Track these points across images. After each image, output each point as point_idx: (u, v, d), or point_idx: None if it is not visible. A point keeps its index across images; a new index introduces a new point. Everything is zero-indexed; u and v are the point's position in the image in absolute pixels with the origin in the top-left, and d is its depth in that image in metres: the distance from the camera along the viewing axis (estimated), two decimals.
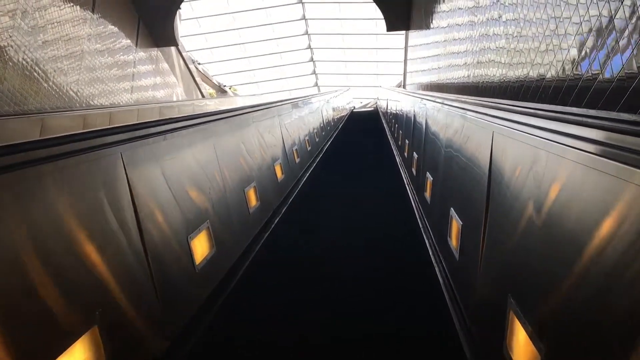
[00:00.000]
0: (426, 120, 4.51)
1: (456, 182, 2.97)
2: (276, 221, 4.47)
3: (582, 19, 2.17)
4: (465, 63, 5.21)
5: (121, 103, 13.06)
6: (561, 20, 2.43)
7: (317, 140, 9.11)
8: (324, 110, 11.27)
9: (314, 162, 8.05)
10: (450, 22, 6.45)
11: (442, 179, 3.39)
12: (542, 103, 2.31)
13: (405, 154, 6.65)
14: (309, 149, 7.79)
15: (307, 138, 7.78)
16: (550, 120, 1.52)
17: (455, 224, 2.75)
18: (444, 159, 3.36)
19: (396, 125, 9.58)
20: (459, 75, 5.74)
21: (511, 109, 1.96)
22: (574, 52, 2.30)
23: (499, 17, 3.60)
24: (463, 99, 3.14)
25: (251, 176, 3.98)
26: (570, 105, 2.27)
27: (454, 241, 2.80)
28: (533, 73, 2.91)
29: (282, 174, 5.28)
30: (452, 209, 2.91)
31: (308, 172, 7.03)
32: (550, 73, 2.63)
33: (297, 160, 6.48)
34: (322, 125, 10.47)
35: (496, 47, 3.71)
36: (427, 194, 3.97)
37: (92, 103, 11.37)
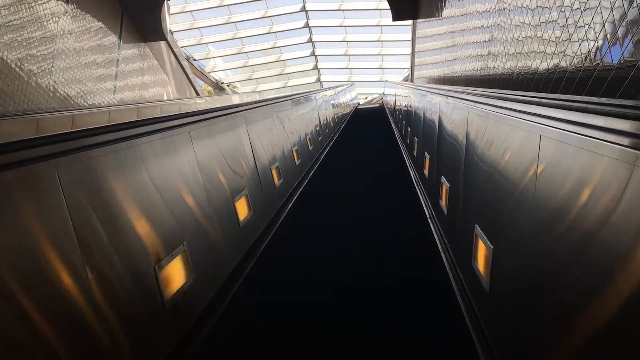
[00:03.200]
0: (467, 137, 2.85)
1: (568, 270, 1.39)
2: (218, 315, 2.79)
3: None
4: (490, 53, 4.53)
5: (102, 104, 11.99)
6: None
7: (310, 148, 7.44)
8: (321, 110, 9.64)
9: (306, 177, 6.39)
10: (469, 9, 5.78)
11: (519, 249, 1.80)
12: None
13: (425, 171, 4.99)
14: (297, 162, 6.13)
15: (295, 148, 6.11)
16: None
17: None
18: (515, 206, 1.79)
19: (408, 128, 7.98)
20: (481, 66, 5.01)
21: None
22: None
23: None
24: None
25: (175, 236, 2.40)
26: None
27: None
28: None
29: (250, 210, 3.67)
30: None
31: (295, 196, 5.33)
32: None
33: (278, 182, 4.84)
34: (318, 129, 8.81)
35: (543, 36, 3.03)
36: (480, 267, 2.34)
37: (69, 104, 10.36)
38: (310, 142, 7.42)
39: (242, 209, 3.46)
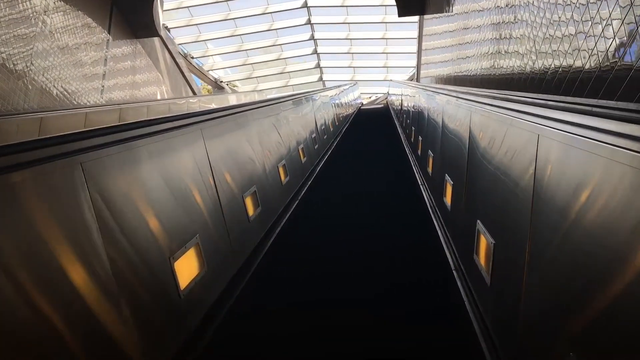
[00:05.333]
0: (538, 177, 1.68)
1: None
2: None
3: None
4: (516, 50, 4.04)
5: (87, 104, 11.29)
6: None
7: (303, 160, 6.40)
8: (318, 113, 8.60)
9: (296, 198, 5.35)
10: (486, 4, 5.20)
11: None
12: None
13: (446, 200, 3.83)
14: (285, 180, 5.08)
15: (282, 163, 5.07)
16: None
17: None
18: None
19: (419, 137, 6.95)
20: (502, 64, 4.49)
21: None
22: None
23: None
24: None
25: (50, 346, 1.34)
26: None
27: None
28: None
29: (202, 266, 2.60)
30: None
31: (277, 229, 4.19)
32: None
33: (254, 212, 3.77)
34: (314, 135, 7.75)
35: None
36: None
37: (50, 105, 9.65)
38: (302, 153, 6.37)
39: (187, 270, 2.42)
